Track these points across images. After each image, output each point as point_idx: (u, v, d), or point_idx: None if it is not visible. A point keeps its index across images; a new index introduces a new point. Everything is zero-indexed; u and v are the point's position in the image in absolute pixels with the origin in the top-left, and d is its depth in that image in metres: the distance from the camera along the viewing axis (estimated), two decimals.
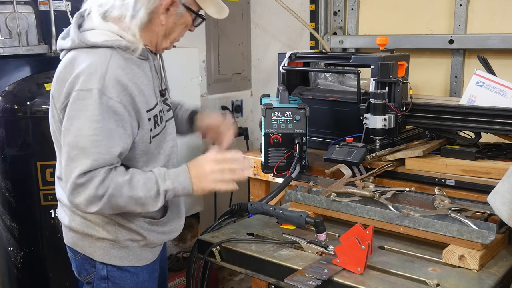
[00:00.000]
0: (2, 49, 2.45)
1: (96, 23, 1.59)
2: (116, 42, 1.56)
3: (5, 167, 2.43)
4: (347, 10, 3.18)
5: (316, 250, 1.64)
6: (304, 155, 2.15)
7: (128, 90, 1.54)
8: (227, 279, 3.61)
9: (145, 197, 1.56)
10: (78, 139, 1.49)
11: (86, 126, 1.48)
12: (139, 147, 1.63)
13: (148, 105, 1.63)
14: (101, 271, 1.71)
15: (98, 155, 1.49)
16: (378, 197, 1.82)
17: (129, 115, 1.55)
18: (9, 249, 2.49)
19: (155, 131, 1.67)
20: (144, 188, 1.56)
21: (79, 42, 1.57)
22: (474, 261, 1.51)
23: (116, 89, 1.51)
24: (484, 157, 2.05)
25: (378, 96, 2.09)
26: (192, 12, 1.66)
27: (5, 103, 2.40)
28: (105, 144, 1.50)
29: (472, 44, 2.69)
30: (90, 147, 1.48)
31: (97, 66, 1.51)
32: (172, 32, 1.67)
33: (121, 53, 1.57)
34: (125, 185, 1.53)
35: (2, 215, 2.48)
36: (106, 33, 1.57)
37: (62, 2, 2.67)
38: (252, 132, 3.69)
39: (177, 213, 1.84)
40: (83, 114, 1.49)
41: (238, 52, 3.66)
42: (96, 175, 1.49)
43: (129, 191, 1.54)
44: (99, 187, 1.49)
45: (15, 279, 2.54)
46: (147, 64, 1.66)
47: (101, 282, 1.72)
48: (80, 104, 1.49)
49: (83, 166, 1.48)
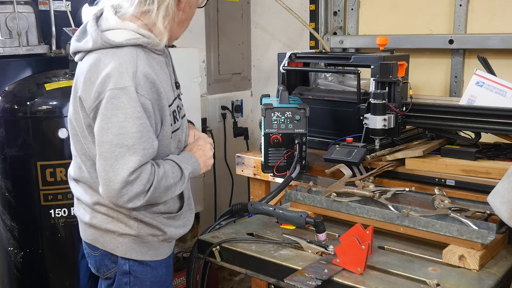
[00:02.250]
0: (2, 49, 2.45)
1: (113, 23, 1.60)
2: (139, 40, 1.58)
3: (5, 167, 2.43)
4: (347, 10, 3.18)
5: (316, 250, 1.64)
6: (304, 155, 2.15)
7: (156, 86, 1.58)
8: (227, 279, 3.61)
9: (175, 183, 1.65)
10: (122, 136, 1.50)
11: (130, 124, 1.50)
12: (163, 143, 1.66)
13: (169, 100, 1.66)
14: (123, 266, 1.74)
15: (145, 150, 1.53)
16: (378, 197, 1.82)
17: (154, 113, 1.59)
18: (9, 249, 2.49)
19: (174, 126, 1.71)
20: (173, 176, 1.64)
21: (102, 42, 1.57)
22: (474, 261, 1.51)
23: (146, 86, 1.54)
24: (484, 157, 2.05)
25: (378, 96, 2.09)
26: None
27: (5, 103, 2.40)
28: (149, 139, 1.54)
29: (472, 44, 2.69)
30: (136, 144, 1.51)
31: (127, 64, 1.53)
32: (184, 23, 1.71)
33: (144, 49, 1.60)
34: (163, 177, 1.60)
35: (2, 215, 2.48)
36: (127, 32, 1.59)
37: (62, 2, 2.67)
38: (252, 132, 3.69)
39: (189, 205, 1.87)
40: (121, 112, 1.50)
41: (238, 52, 3.66)
42: (143, 170, 1.54)
43: (165, 182, 1.61)
44: (146, 183, 1.54)
45: (15, 279, 2.54)
46: (164, 60, 1.70)
47: (123, 276, 1.75)
48: (116, 103, 1.50)
49: (132, 163, 1.51)
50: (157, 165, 1.61)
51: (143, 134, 1.52)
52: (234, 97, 3.66)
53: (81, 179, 1.75)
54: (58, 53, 2.63)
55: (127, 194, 1.53)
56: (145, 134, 1.53)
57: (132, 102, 1.50)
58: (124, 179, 1.51)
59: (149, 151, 1.55)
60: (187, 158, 1.74)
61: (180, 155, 1.74)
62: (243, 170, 2.58)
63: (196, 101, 3.02)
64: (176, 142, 1.76)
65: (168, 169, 1.63)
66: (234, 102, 3.64)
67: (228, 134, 3.61)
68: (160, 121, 1.63)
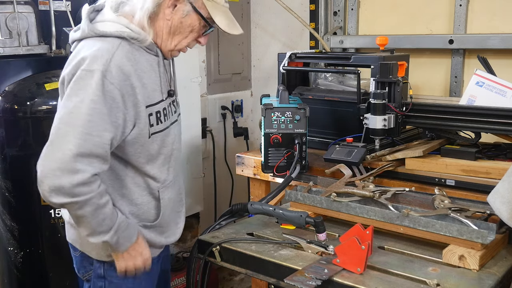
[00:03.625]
0: (2, 49, 2.45)
1: (107, 16, 1.62)
2: (125, 33, 1.58)
3: (5, 167, 2.44)
4: (347, 10, 3.18)
5: (316, 250, 1.64)
6: (304, 155, 2.15)
7: (130, 80, 1.55)
8: (227, 279, 3.61)
9: (91, 227, 1.55)
10: (72, 115, 1.47)
11: (84, 105, 1.46)
12: (138, 141, 1.62)
13: (150, 99, 1.63)
14: (98, 269, 1.72)
15: (88, 136, 1.46)
16: (378, 197, 1.82)
17: (124, 106, 1.54)
18: (9, 249, 2.49)
19: (156, 127, 1.67)
20: (99, 223, 1.54)
21: (88, 31, 1.59)
22: (474, 261, 1.51)
23: (118, 76, 1.52)
24: (484, 157, 2.05)
25: (378, 96, 2.09)
26: (199, 15, 1.66)
27: (5, 103, 2.40)
28: (98, 126, 1.48)
29: (472, 44, 2.69)
30: (82, 126, 1.46)
31: (104, 51, 1.53)
32: (177, 33, 1.67)
33: (130, 44, 1.59)
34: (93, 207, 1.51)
35: (2, 215, 2.48)
36: (116, 24, 1.60)
37: (62, 2, 2.67)
38: (252, 132, 3.69)
39: (174, 218, 1.83)
40: (82, 92, 1.48)
41: (238, 52, 3.65)
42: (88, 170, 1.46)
43: (89, 214, 1.51)
44: (79, 186, 1.45)
45: (15, 279, 2.54)
46: (156, 60, 1.68)
47: (98, 280, 1.72)
48: (80, 84, 1.49)
49: (71, 145, 1.44)
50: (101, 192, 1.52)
51: (92, 119, 1.46)
52: (234, 97, 3.66)
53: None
54: (58, 53, 2.63)
55: (54, 179, 1.44)
56: (95, 119, 1.47)
57: (94, 85, 1.47)
58: (62, 159, 1.43)
59: (95, 139, 1.46)
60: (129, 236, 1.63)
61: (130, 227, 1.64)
62: (243, 170, 2.58)
63: (196, 101, 3.02)
64: (158, 145, 1.69)
65: (104, 212, 1.54)
66: (234, 102, 3.64)
67: (228, 134, 3.61)
68: (133, 117, 1.59)
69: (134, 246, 1.66)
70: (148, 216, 1.74)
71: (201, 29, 1.70)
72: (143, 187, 1.71)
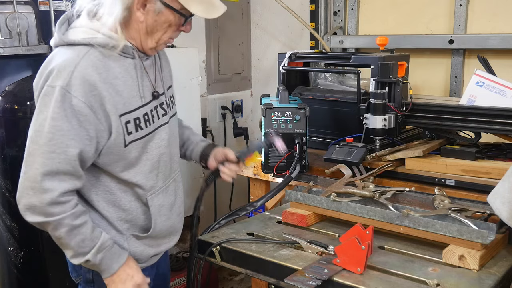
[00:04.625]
0: (2, 49, 2.45)
1: (81, 21, 1.59)
2: (94, 40, 1.53)
3: (5, 167, 2.44)
4: (347, 10, 3.18)
5: (316, 250, 1.64)
6: (304, 155, 2.15)
7: (98, 90, 1.50)
8: (227, 279, 3.61)
9: (72, 248, 1.56)
10: (37, 134, 1.48)
11: (46, 123, 1.46)
12: (113, 151, 1.57)
13: (126, 107, 1.57)
14: (87, 274, 1.69)
15: (52, 154, 1.46)
16: (378, 197, 1.82)
17: (95, 117, 1.50)
18: (9, 249, 2.49)
19: (135, 134, 1.60)
20: (78, 243, 1.54)
21: (59, 40, 1.57)
22: (474, 261, 1.51)
23: (83, 88, 1.48)
24: (484, 157, 2.05)
25: (378, 96, 2.09)
26: (172, 10, 1.57)
27: (5, 103, 2.40)
28: (60, 143, 1.46)
29: (472, 44, 2.69)
30: (45, 145, 1.46)
31: (68, 63, 1.49)
32: (155, 31, 1.59)
33: (100, 51, 1.53)
34: (67, 227, 1.51)
35: (2, 215, 2.48)
36: (86, 30, 1.56)
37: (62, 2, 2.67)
38: (252, 132, 3.69)
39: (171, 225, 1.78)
40: (45, 110, 1.47)
41: (238, 52, 3.65)
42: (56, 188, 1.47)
43: (65, 234, 1.52)
44: (50, 205, 1.47)
45: (15, 279, 2.54)
46: (132, 63, 1.61)
47: (87, 285, 1.70)
48: (45, 100, 1.48)
49: (37, 164, 1.45)
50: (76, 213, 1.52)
51: (53, 137, 1.45)
52: (234, 97, 3.66)
53: None
54: None
55: (27, 198, 1.47)
56: (56, 137, 1.46)
57: (55, 103, 1.46)
58: (32, 178, 1.45)
59: (60, 156, 1.46)
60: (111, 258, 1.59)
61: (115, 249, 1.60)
62: (243, 170, 2.58)
63: (196, 101, 3.02)
64: (139, 152, 1.62)
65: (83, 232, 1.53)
66: (234, 102, 3.64)
67: (228, 134, 3.60)
68: (107, 127, 1.54)
69: (124, 268, 1.62)
70: (138, 221, 1.69)
71: (179, 21, 1.61)
72: (130, 193, 1.66)
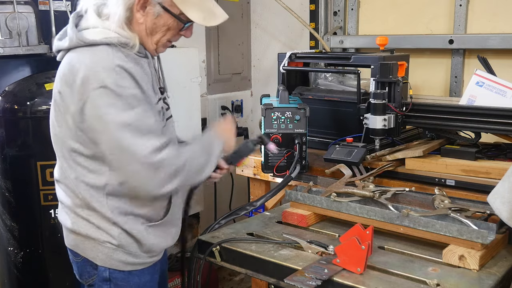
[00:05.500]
0: (2, 49, 2.45)
1: (92, 22, 1.58)
2: (115, 39, 1.55)
3: (5, 167, 2.43)
4: (347, 10, 3.18)
5: (316, 250, 1.64)
6: (304, 155, 2.15)
7: (136, 80, 1.54)
8: (227, 279, 3.61)
9: (215, 156, 1.70)
10: (121, 131, 1.49)
11: (123, 119, 1.49)
12: None
13: (151, 100, 1.63)
14: (103, 273, 1.70)
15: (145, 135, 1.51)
16: (378, 197, 1.82)
17: (146, 100, 1.57)
18: (9, 249, 2.49)
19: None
20: (207, 149, 1.69)
21: (77, 41, 1.55)
22: (474, 261, 1.51)
23: (128, 79, 1.52)
24: (484, 157, 2.05)
25: (378, 96, 2.09)
26: (171, 14, 1.59)
27: (5, 103, 2.40)
28: (148, 122, 1.54)
29: (472, 44, 2.69)
30: (141, 129, 1.51)
31: (103, 62, 1.50)
32: (154, 33, 1.62)
33: (121, 50, 1.55)
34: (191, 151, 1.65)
35: (2, 215, 2.48)
36: (104, 31, 1.56)
37: (62, 2, 2.67)
38: (252, 132, 3.69)
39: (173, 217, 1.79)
40: (112, 110, 1.48)
41: (238, 52, 3.65)
42: (166, 147, 1.54)
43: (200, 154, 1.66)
44: (176, 158, 1.57)
45: (15, 279, 2.54)
46: (146, 62, 1.64)
47: (103, 284, 1.71)
48: (103, 102, 1.48)
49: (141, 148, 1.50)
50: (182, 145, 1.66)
51: (142, 120, 1.52)
52: (234, 97, 3.66)
53: (61, 180, 1.70)
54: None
55: (160, 173, 1.53)
56: (143, 117, 1.52)
57: (117, 98, 1.48)
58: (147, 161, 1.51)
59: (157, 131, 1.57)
60: (210, 138, 1.76)
61: (204, 136, 1.78)
62: (243, 170, 2.58)
63: (196, 101, 3.01)
64: None
65: (196, 149, 1.68)
66: (234, 102, 3.64)
67: None
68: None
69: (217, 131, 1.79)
70: (156, 217, 1.72)
71: (177, 26, 1.63)
72: None
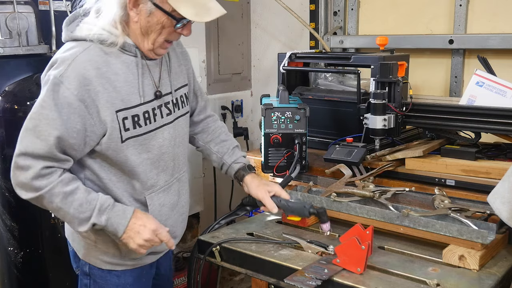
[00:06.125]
0: (2, 49, 2.45)
1: (86, 20, 1.63)
2: (96, 36, 1.57)
3: (5, 167, 2.43)
4: (347, 10, 3.18)
5: (316, 250, 1.64)
6: (304, 155, 2.15)
7: (92, 85, 1.53)
8: (227, 279, 3.60)
9: (73, 216, 1.55)
10: (28, 120, 1.55)
11: (35, 110, 1.54)
12: (110, 146, 1.59)
13: (124, 103, 1.59)
14: (84, 267, 1.74)
15: (37, 140, 1.52)
16: (378, 197, 1.82)
17: (86, 110, 1.54)
18: (9, 249, 2.49)
19: (133, 131, 1.61)
20: (77, 209, 1.55)
21: (65, 36, 1.65)
22: (474, 261, 1.51)
23: (77, 81, 1.52)
24: (484, 157, 2.05)
25: (378, 96, 2.09)
26: (163, 11, 1.56)
27: (5, 103, 2.40)
28: (45, 131, 1.52)
29: (472, 44, 2.69)
30: (30, 129, 1.54)
31: (68, 56, 1.55)
32: (149, 32, 1.60)
33: (100, 47, 1.57)
34: (60, 196, 1.53)
35: (2, 215, 2.48)
36: (91, 27, 1.59)
37: (62, 2, 2.67)
38: (252, 132, 3.69)
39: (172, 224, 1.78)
40: (39, 99, 1.55)
41: (238, 52, 3.65)
42: (35, 165, 1.53)
43: (61, 203, 1.54)
44: (35, 179, 1.52)
45: (15, 279, 2.54)
46: (134, 60, 1.63)
47: (83, 277, 1.75)
48: (43, 88, 1.56)
49: (21, 146, 1.55)
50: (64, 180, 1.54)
51: (37, 123, 1.52)
52: (234, 97, 3.66)
53: None
54: None
55: (15, 177, 1.57)
56: (42, 124, 1.52)
57: (47, 92, 1.53)
58: (14, 159, 1.56)
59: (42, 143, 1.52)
60: (117, 214, 1.59)
61: (118, 205, 1.60)
62: None
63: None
64: (137, 149, 1.63)
65: (77, 198, 1.55)
66: (234, 102, 3.64)
67: None
68: (99, 122, 1.56)
69: (134, 221, 1.59)
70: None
71: (171, 23, 1.60)
72: (129, 191, 1.67)
